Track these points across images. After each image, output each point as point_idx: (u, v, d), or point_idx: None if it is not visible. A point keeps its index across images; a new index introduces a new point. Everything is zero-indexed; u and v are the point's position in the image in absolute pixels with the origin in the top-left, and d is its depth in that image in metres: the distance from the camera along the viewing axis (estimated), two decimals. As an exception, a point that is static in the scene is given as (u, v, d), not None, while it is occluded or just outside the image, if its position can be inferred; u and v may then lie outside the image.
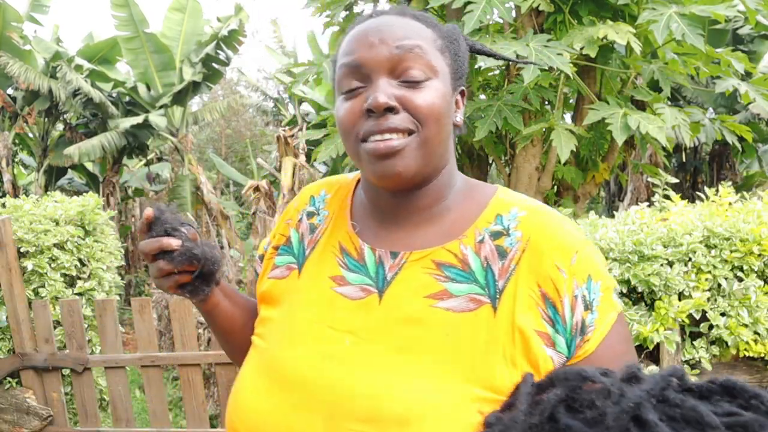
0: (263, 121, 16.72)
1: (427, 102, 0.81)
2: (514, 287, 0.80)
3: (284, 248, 0.99)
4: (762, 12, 3.52)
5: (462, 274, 0.83)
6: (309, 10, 4.32)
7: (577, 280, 0.80)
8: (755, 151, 9.76)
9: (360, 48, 0.84)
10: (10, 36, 9.24)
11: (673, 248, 2.36)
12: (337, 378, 0.81)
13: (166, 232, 0.92)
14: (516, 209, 0.86)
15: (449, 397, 0.76)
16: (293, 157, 7.32)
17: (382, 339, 0.82)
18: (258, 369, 0.89)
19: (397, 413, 0.75)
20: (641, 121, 3.32)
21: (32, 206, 3.73)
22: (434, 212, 0.88)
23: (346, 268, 0.90)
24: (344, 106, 0.85)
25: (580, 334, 0.79)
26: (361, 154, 0.84)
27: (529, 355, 0.78)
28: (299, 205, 1.03)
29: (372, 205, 0.93)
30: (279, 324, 0.92)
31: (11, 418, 3.46)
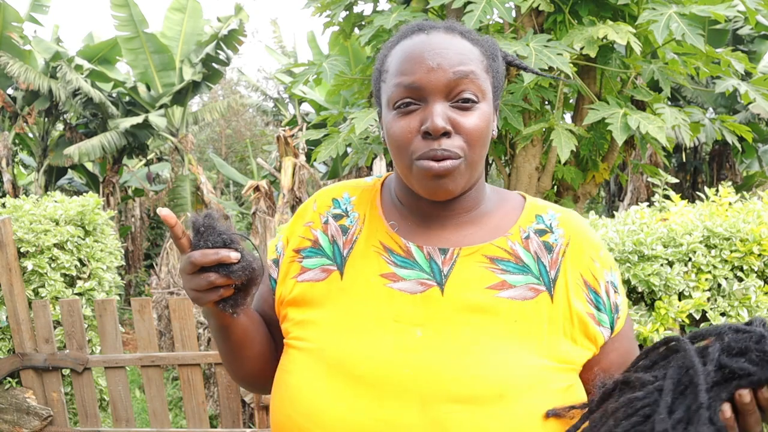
0: (263, 121, 16.72)
1: (476, 127, 0.89)
2: (564, 277, 0.93)
3: (312, 250, 1.00)
4: (762, 12, 3.52)
5: (516, 266, 0.93)
6: (309, 10, 4.32)
7: (606, 270, 0.95)
8: (755, 151, 9.76)
9: (418, 70, 0.88)
10: (10, 36, 9.25)
11: (673, 248, 2.36)
12: (420, 366, 0.85)
13: (224, 243, 0.85)
14: (552, 211, 0.99)
15: (531, 371, 0.86)
16: (293, 157, 7.32)
17: (452, 327, 0.88)
18: (318, 371, 0.89)
19: (493, 389, 0.83)
20: (641, 121, 3.32)
21: (32, 206, 3.73)
22: (473, 215, 0.97)
23: (395, 266, 0.93)
24: (399, 123, 0.90)
25: (616, 312, 0.94)
26: (414, 170, 0.89)
27: (587, 333, 0.91)
28: (320, 207, 1.03)
29: (409, 209, 0.98)
30: (330, 324, 0.92)
31: (11, 418, 3.46)
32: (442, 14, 4.38)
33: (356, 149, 4.34)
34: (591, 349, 0.92)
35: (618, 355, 0.95)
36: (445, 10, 4.26)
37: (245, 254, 0.87)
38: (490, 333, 0.87)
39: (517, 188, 4.09)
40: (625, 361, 0.94)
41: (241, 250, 0.87)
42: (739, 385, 0.72)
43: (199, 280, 0.85)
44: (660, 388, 0.75)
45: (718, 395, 0.72)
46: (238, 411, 3.28)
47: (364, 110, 3.90)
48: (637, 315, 2.31)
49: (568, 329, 0.90)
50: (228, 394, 3.26)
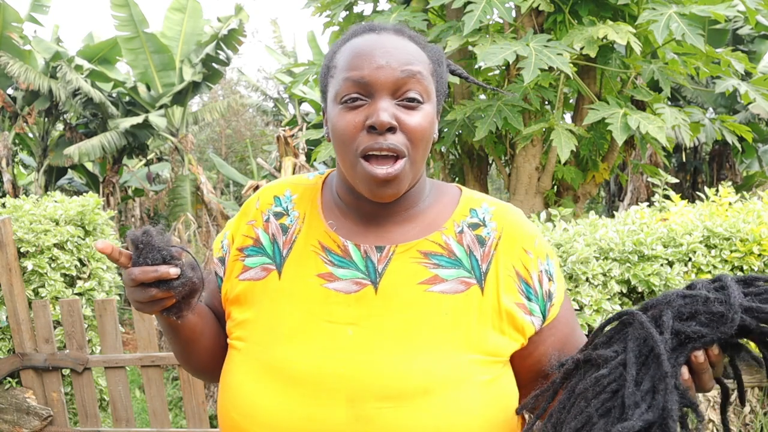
0: (263, 121, 16.72)
1: (420, 125, 0.90)
2: (495, 269, 0.95)
3: (253, 249, 1.00)
4: (762, 12, 3.52)
5: (449, 260, 0.94)
6: (309, 10, 4.32)
7: (540, 259, 0.98)
8: (755, 151, 9.76)
9: (367, 66, 0.90)
10: (10, 36, 9.25)
11: (673, 248, 2.36)
12: (349, 364, 0.88)
13: (163, 259, 0.87)
14: (486, 204, 1.01)
15: (458, 365, 0.88)
16: (293, 157, 7.32)
17: (384, 325, 0.90)
18: (255, 371, 0.91)
19: (418, 385, 0.86)
20: (641, 121, 3.32)
21: (32, 206, 3.73)
22: (412, 212, 0.98)
23: (332, 265, 0.94)
24: (344, 116, 0.90)
25: (548, 300, 0.97)
26: (358, 170, 0.90)
27: (515, 325, 0.93)
28: (262, 205, 1.04)
29: (349, 207, 0.99)
30: (265, 324, 0.94)
31: (11, 418, 3.46)
32: (442, 14, 4.38)
33: (356, 149, 4.34)
34: (518, 340, 0.93)
35: (556, 340, 0.97)
36: (445, 10, 4.25)
37: (185, 269, 0.88)
38: (420, 329, 0.89)
39: (517, 188, 4.09)
40: (564, 345, 0.97)
41: (181, 265, 0.88)
42: (693, 348, 0.75)
43: (141, 293, 0.87)
44: (623, 363, 0.78)
45: (677, 360, 0.75)
46: (238, 411, 3.27)
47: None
48: (637, 315, 2.31)
49: (496, 321, 0.92)
50: (228, 394, 3.26)
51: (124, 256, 0.89)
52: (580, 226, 2.60)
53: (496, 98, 3.71)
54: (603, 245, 2.39)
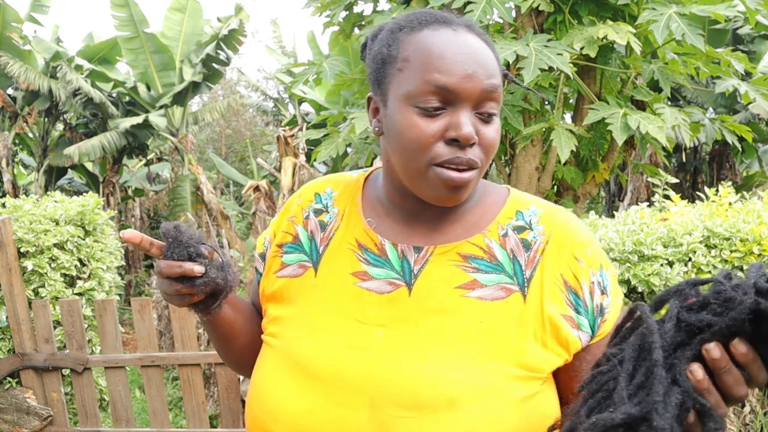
0: (263, 121, 16.72)
1: (494, 140, 0.87)
2: (541, 276, 0.88)
3: (292, 246, 0.99)
4: (762, 12, 3.52)
5: (490, 265, 0.89)
6: (309, 10, 4.32)
7: (592, 269, 0.89)
8: (755, 151, 9.76)
9: (455, 72, 0.83)
10: (10, 36, 9.25)
11: (673, 248, 2.36)
12: (375, 368, 0.84)
13: (189, 256, 0.88)
14: (534, 206, 0.94)
15: (490, 378, 0.82)
16: (293, 157, 7.32)
17: (415, 329, 0.86)
18: (282, 368, 0.89)
19: (444, 396, 0.80)
20: (641, 121, 3.32)
21: (32, 206, 3.73)
22: (456, 213, 0.93)
23: (367, 264, 0.91)
24: (419, 123, 0.84)
25: (600, 315, 0.88)
26: (429, 176, 0.85)
27: (558, 337, 0.86)
28: (303, 202, 1.02)
29: (394, 205, 0.95)
30: (297, 321, 0.92)
31: (11, 418, 3.46)
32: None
33: (356, 149, 4.34)
34: (562, 356, 0.86)
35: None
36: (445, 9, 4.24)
37: (209, 268, 0.88)
38: (452, 335, 0.85)
39: (517, 188, 4.08)
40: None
41: (206, 263, 0.88)
42: (703, 340, 0.65)
43: (167, 286, 0.89)
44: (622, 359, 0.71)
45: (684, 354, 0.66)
46: (238, 411, 3.28)
47: (364, 110, 3.90)
48: (637, 315, 2.31)
49: (539, 332, 0.86)
50: (228, 394, 3.26)
51: (156, 247, 0.90)
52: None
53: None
54: (603, 245, 2.39)
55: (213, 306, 0.93)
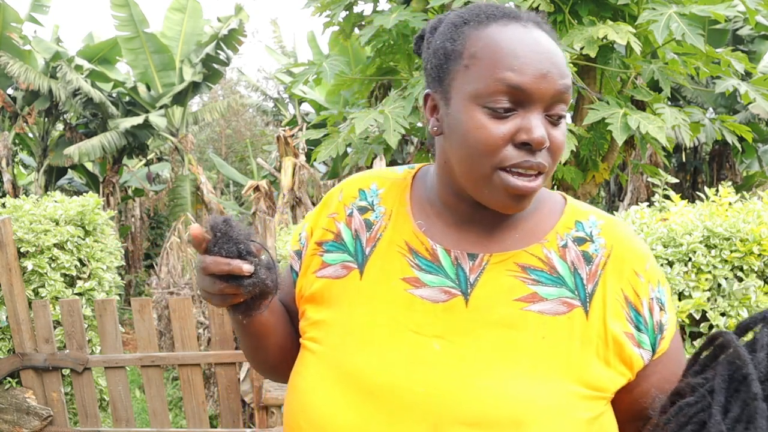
0: (263, 121, 16.72)
1: (563, 142, 0.82)
2: (603, 292, 0.84)
3: (334, 245, 0.93)
4: (762, 12, 3.52)
5: (550, 277, 0.84)
6: (309, 10, 4.32)
7: (652, 284, 0.86)
8: (755, 151, 9.76)
9: (529, 71, 0.78)
10: (10, 36, 9.25)
11: (673, 248, 2.36)
12: (438, 385, 0.78)
13: (239, 253, 0.80)
14: (594, 217, 0.89)
15: (557, 397, 0.78)
16: (293, 157, 7.33)
17: (473, 343, 0.81)
18: (329, 379, 0.83)
19: (511, 416, 0.76)
20: (641, 121, 3.32)
21: (32, 206, 3.73)
22: (511, 219, 0.88)
23: (419, 269, 0.86)
24: (488, 124, 0.78)
25: (659, 332, 0.85)
26: (494, 181, 0.80)
27: (622, 356, 0.82)
28: (345, 198, 0.95)
29: (446, 207, 0.89)
30: (344, 328, 0.86)
31: (11, 418, 3.46)
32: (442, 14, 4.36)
33: (356, 149, 4.34)
34: (626, 375, 0.83)
35: (661, 378, 0.86)
36: (445, 10, 4.24)
37: (259, 268, 0.81)
38: (513, 351, 0.80)
39: (517, 188, 4.08)
40: (669, 384, 0.86)
41: (256, 263, 0.81)
42: None
43: (210, 285, 0.81)
44: (711, 389, 0.67)
45: None
46: (238, 411, 3.28)
47: (364, 110, 3.90)
48: (637, 315, 2.31)
49: (601, 350, 0.82)
50: (228, 394, 3.26)
51: (206, 242, 0.82)
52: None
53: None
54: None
55: (256, 309, 0.86)
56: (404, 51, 4.17)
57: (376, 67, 4.44)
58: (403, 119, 3.71)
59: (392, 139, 3.56)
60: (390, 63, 4.38)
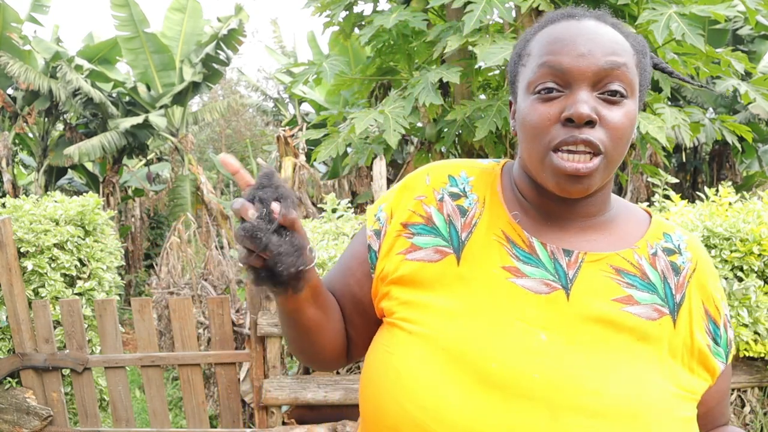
0: (263, 121, 16.72)
1: (622, 123, 0.82)
2: (689, 303, 0.87)
3: (424, 228, 0.91)
4: (762, 12, 3.52)
5: (643, 283, 0.87)
6: (309, 10, 4.32)
7: (725, 302, 0.92)
8: (755, 151, 9.76)
9: (567, 53, 0.82)
10: (10, 36, 9.25)
11: (673, 248, 2.36)
12: (550, 372, 0.79)
13: (263, 200, 0.78)
14: (680, 232, 0.93)
15: (662, 393, 0.80)
16: (293, 157, 7.32)
17: (577, 336, 0.82)
18: (434, 360, 0.81)
19: (627, 408, 0.77)
20: (641, 121, 3.32)
21: (32, 206, 3.73)
22: (599, 220, 0.91)
23: (518, 260, 0.86)
24: (538, 108, 0.83)
25: (729, 348, 0.90)
26: (547, 163, 0.82)
27: (706, 366, 0.87)
28: (434, 183, 0.94)
29: (531, 203, 0.91)
30: (445, 311, 0.84)
31: (11, 418, 3.46)
32: (442, 14, 4.38)
33: (356, 149, 4.34)
34: (708, 380, 0.87)
35: (717, 391, 0.90)
36: (445, 10, 4.25)
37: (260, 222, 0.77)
38: (615, 347, 0.82)
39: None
40: (721, 399, 0.92)
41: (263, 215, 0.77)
42: None
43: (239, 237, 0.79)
44: None
45: None
46: (238, 411, 3.28)
47: (364, 110, 3.90)
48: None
49: (686, 359, 0.85)
50: (228, 394, 3.26)
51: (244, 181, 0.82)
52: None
53: (496, 98, 3.71)
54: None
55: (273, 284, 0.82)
56: (404, 51, 4.17)
57: (376, 67, 4.44)
58: (403, 119, 3.71)
59: (392, 139, 3.56)
60: (390, 63, 4.38)
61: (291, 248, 0.79)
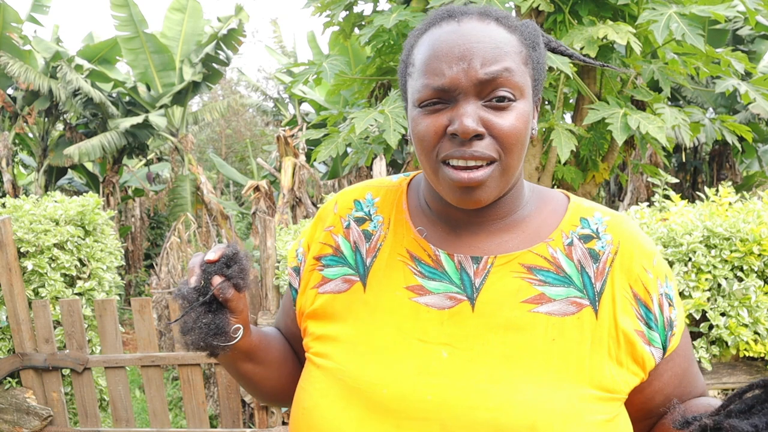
0: (263, 121, 16.73)
1: (512, 128, 0.79)
2: (611, 289, 0.83)
3: (333, 258, 0.92)
4: (762, 12, 3.52)
5: (557, 277, 0.83)
6: (309, 10, 4.32)
7: (660, 280, 0.85)
8: (755, 151, 9.76)
9: (447, 70, 0.78)
10: (10, 36, 9.25)
11: (673, 248, 2.36)
12: (444, 391, 0.77)
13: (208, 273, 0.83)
14: (599, 214, 0.89)
15: (569, 399, 0.77)
16: (293, 157, 7.32)
17: (482, 348, 0.80)
18: (336, 392, 0.82)
19: (525, 423, 0.75)
20: (641, 121, 3.32)
21: (32, 206, 3.73)
22: (510, 221, 0.88)
23: (422, 277, 0.85)
24: (425, 121, 0.81)
25: (669, 328, 0.85)
26: (441, 175, 0.81)
27: (634, 355, 0.82)
28: (341, 210, 0.95)
29: (437, 214, 0.89)
30: (351, 342, 0.84)
31: (11, 418, 3.46)
32: (442, 14, 4.36)
33: (356, 149, 4.34)
34: (638, 374, 0.83)
35: (673, 375, 0.87)
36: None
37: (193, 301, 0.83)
38: (523, 354, 0.79)
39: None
40: (680, 381, 0.88)
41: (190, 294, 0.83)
42: None
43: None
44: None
45: None
46: (238, 411, 3.28)
47: (364, 110, 3.90)
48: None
49: (613, 350, 0.81)
50: (228, 394, 3.26)
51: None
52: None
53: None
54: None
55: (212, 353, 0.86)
56: (404, 51, 4.16)
57: (376, 67, 4.44)
58: (403, 119, 3.71)
59: (392, 139, 3.56)
60: (390, 63, 4.38)
61: (207, 327, 0.83)
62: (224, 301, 0.83)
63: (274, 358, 0.97)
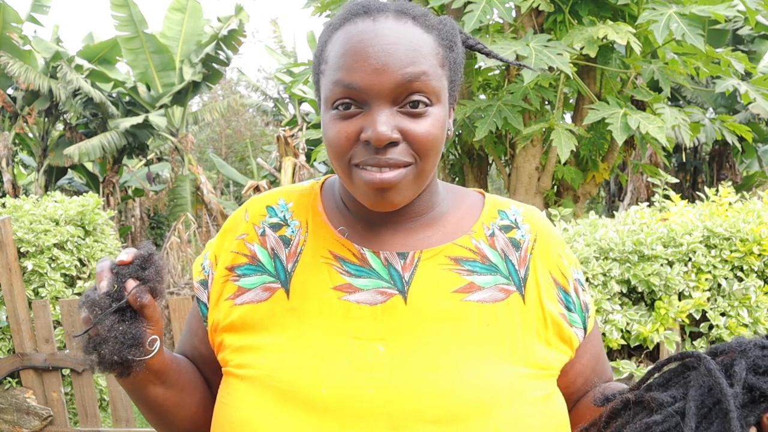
0: (263, 121, 16.73)
1: (428, 134, 0.78)
2: (535, 275, 0.87)
3: (250, 268, 0.88)
4: (762, 12, 3.52)
5: (484, 266, 0.86)
6: (309, 10, 4.32)
7: (573, 267, 0.91)
8: (755, 151, 9.77)
9: (361, 69, 0.76)
10: (10, 36, 9.25)
11: (673, 248, 2.36)
12: (386, 385, 0.77)
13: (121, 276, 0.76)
14: (514, 206, 0.93)
15: (509, 379, 0.79)
16: (293, 157, 7.32)
17: (419, 339, 0.80)
18: (269, 401, 0.79)
19: (469, 406, 0.76)
20: (641, 121, 3.32)
21: (32, 206, 3.73)
22: (428, 218, 0.88)
23: (349, 275, 0.84)
24: (336, 126, 0.79)
25: (586, 311, 0.90)
26: (354, 179, 0.80)
27: (562, 335, 0.86)
28: (253, 217, 0.91)
29: (356, 214, 0.88)
30: (278, 349, 0.82)
31: (11, 418, 3.46)
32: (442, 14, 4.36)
33: (356, 149, 4.34)
34: (567, 353, 0.86)
35: (591, 357, 0.91)
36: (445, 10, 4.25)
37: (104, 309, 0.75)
38: (460, 342, 0.80)
39: (517, 188, 4.09)
40: (597, 363, 0.92)
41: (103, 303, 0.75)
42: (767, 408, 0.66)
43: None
44: (681, 411, 0.69)
45: (746, 419, 0.66)
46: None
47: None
48: (637, 315, 2.31)
49: (542, 332, 0.84)
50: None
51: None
52: (580, 226, 2.60)
53: (496, 98, 3.71)
54: (603, 245, 2.39)
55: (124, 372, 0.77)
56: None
57: (376, 67, 4.44)
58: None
59: (392, 139, 3.57)
60: (390, 63, 4.38)
61: (123, 337, 0.75)
62: (140, 307, 0.77)
63: (186, 382, 0.90)
